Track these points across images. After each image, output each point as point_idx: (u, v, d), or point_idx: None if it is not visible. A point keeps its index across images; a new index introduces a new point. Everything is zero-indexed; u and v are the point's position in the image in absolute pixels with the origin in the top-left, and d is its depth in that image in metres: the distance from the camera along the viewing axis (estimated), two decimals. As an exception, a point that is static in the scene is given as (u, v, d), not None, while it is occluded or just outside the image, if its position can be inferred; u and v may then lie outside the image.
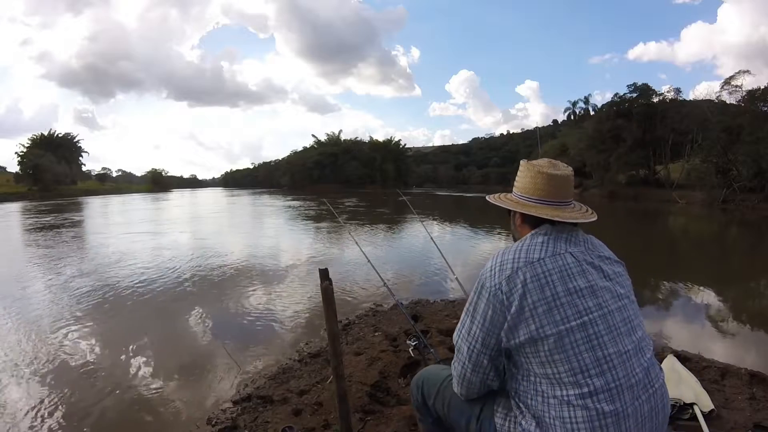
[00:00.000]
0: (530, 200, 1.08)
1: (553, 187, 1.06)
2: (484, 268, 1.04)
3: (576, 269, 0.97)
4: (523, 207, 1.08)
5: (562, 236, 1.02)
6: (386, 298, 4.65)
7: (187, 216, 18.62)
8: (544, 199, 1.06)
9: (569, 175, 1.09)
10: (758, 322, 4.24)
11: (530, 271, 0.95)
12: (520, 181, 1.11)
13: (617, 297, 0.98)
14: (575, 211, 1.08)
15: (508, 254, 1.00)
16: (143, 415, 2.49)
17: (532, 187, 1.08)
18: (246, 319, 4.19)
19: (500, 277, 0.97)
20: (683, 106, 30.66)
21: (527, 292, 0.93)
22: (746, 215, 18.00)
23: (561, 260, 0.97)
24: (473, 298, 1.02)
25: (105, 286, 5.44)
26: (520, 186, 1.11)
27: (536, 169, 1.08)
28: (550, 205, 1.06)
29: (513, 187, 1.15)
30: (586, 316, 0.92)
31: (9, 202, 33.23)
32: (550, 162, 1.11)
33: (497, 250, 1.08)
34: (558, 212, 1.04)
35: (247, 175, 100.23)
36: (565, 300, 0.93)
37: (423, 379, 1.28)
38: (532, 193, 1.08)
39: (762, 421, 1.97)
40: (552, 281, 0.94)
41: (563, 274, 0.95)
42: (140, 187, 73.58)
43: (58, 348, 3.42)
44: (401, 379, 2.52)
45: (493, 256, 1.04)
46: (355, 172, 60.21)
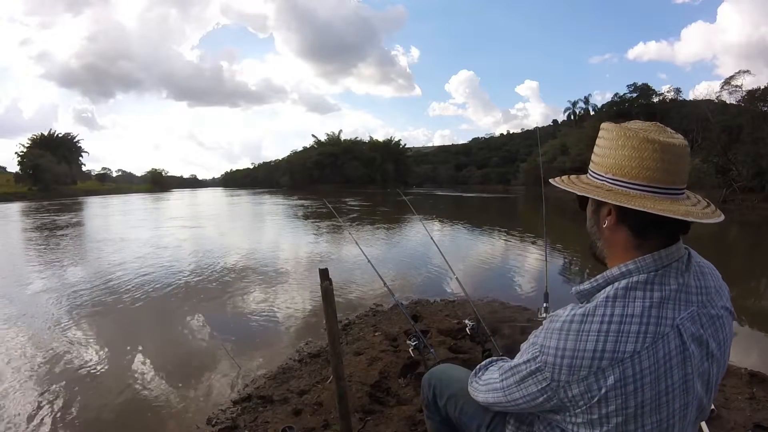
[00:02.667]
0: (631, 187, 0.70)
1: (669, 164, 0.69)
2: (545, 339, 0.72)
3: (677, 359, 0.68)
4: (627, 198, 0.69)
5: (671, 281, 0.70)
6: (386, 298, 4.66)
7: (187, 216, 18.62)
8: (654, 185, 0.69)
9: (687, 145, 0.72)
10: (758, 322, 4.25)
11: (617, 372, 0.66)
12: (612, 155, 0.72)
13: (708, 383, 0.73)
14: (697, 206, 0.72)
15: (586, 338, 0.67)
16: (143, 415, 2.49)
17: (636, 165, 0.69)
18: (246, 319, 4.19)
19: (569, 377, 0.68)
20: (683, 106, 30.73)
21: (604, 400, 0.67)
22: (746, 215, 18.01)
23: (663, 348, 0.67)
24: (523, 369, 0.76)
25: (106, 286, 5.44)
26: (612, 163, 0.72)
27: (642, 134, 0.69)
28: (668, 196, 0.69)
29: (591, 165, 0.77)
30: (665, 423, 0.69)
31: (9, 202, 33.23)
32: (656, 125, 0.73)
33: (567, 314, 0.71)
34: (681, 207, 0.68)
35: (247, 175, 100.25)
36: (650, 408, 0.68)
37: (436, 378, 1.23)
38: (635, 174, 0.69)
39: (762, 421, 1.97)
40: (642, 387, 0.66)
41: (659, 373, 0.67)
42: (140, 187, 73.60)
43: (58, 348, 3.42)
44: (401, 379, 2.52)
45: (563, 329, 0.70)
46: (355, 172, 60.24)
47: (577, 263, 6.98)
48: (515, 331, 2.94)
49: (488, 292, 4.68)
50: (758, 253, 9.58)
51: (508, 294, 4.74)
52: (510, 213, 20.61)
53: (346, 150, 63.61)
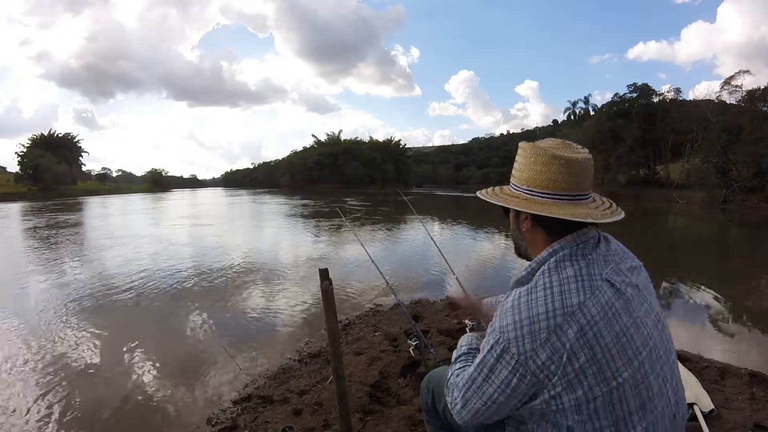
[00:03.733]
0: (543, 195, 0.83)
1: (573, 176, 0.82)
2: (501, 320, 0.79)
3: (618, 303, 0.77)
4: (537, 206, 0.83)
5: (590, 252, 0.82)
6: (387, 298, 4.66)
7: (189, 216, 18.61)
8: (561, 193, 0.83)
9: (589, 158, 0.85)
10: (758, 322, 4.24)
11: (573, 326, 0.73)
12: (525, 169, 0.86)
13: (656, 319, 0.83)
14: (600, 208, 0.85)
15: (536, 304, 0.76)
16: (143, 415, 2.49)
17: (546, 177, 0.82)
18: (246, 319, 4.19)
19: (533, 344, 0.74)
20: (683, 106, 30.69)
21: (572, 356, 0.73)
22: (746, 215, 18.01)
23: (602, 296, 0.76)
24: (489, 358, 0.80)
25: (106, 285, 5.44)
26: (526, 177, 0.85)
27: (549, 152, 0.83)
28: (571, 201, 0.83)
29: (512, 178, 0.90)
30: (635, 360, 0.76)
31: (9, 202, 33.23)
32: (564, 142, 0.87)
33: (514, 295, 0.81)
34: (583, 210, 0.82)
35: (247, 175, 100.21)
36: (615, 350, 0.74)
37: (434, 382, 1.21)
38: (545, 185, 0.83)
39: (762, 421, 1.97)
40: (599, 332, 0.74)
41: (608, 316, 0.75)
42: (140, 187, 73.58)
43: (58, 347, 3.42)
44: (401, 379, 2.53)
45: (514, 305, 0.79)
46: (355, 172, 60.23)
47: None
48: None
49: (488, 291, 4.66)
50: (758, 253, 9.57)
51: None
52: (510, 213, 20.45)
53: (346, 150, 63.59)
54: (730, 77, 25.56)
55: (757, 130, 22.08)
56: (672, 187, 28.46)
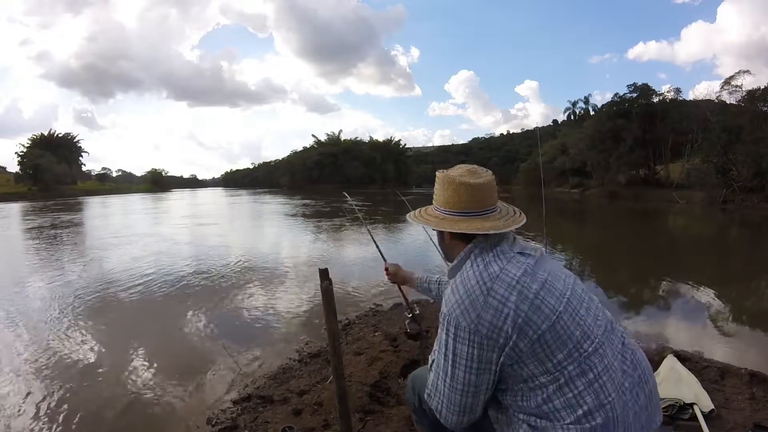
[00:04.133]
0: (456, 214, 1.03)
1: (477, 197, 1.02)
2: (446, 305, 0.95)
3: (533, 262, 0.96)
4: (451, 224, 1.02)
5: (500, 242, 1.00)
6: (387, 298, 4.66)
7: (190, 216, 18.61)
8: (469, 211, 1.02)
9: (491, 180, 1.05)
10: (758, 322, 4.25)
11: (502, 285, 0.91)
12: (441, 195, 1.05)
13: (567, 273, 1.03)
14: (504, 218, 1.05)
15: (468, 282, 0.94)
16: (143, 415, 2.49)
17: (455, 200, 1.02)
18: (246, 319, 4.19)
19: (476, 310, 0.90)
20: (683, 106, 30.69)
21: (513, 309, 0.89)
22: (746, 215, 18.01)
23: (517, 262, 0.95)
24: (447, 342, 0.94)
25: (106, 286, 5.44)
26: (442, 200, 1.05)
27: (457, 180, 1.02)
28: (479, 216, 1.02)
29: (434, 200, 1.09)
30: (563, 298, 0.93)
31: (9, 202, 33.23)
32: (470, 170, 1.06)
33: (451, 283, 0.99)
34: (489, 223, 1.01)
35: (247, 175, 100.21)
36: (544, 293, 0.92)
37: (418, 382, 1.22)
38: (456, 206, 1.02)
39: (762, 421, 1.97)
40: (527, 283, 0.91)
41: (528, 272, 0.93)
42: (140, 187, 73.58)
43: (58, 347, 3.42)
44: (401, 379, 2.52)
45: (453, 289, 0.96)
46: (355, 172, 60.26)
47: (577, 262, 6.98)
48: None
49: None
50: (758, 253, 9.57)
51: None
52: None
53: (346, 150, 63.62)
54: (730, 77, 25.57)
55: (757, 130, 22.08)
56: (672, 187, 28.46)
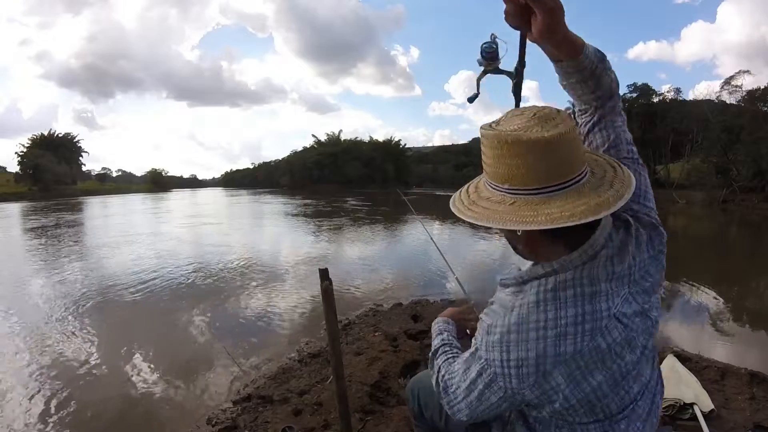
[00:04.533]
0: (529, 192, 0.66)
1: (557, 158, 0.64)
2: (487, 349, 0.72)
3: (622, 342, 0.69)
4: (526, 211, 0.65)
5: (598, 272, 0.69)
6: (387, 298, 4.66)
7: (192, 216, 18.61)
8: (551, 184, 0.65)
9: (570, 127, 0.65)
10: (758, 322, 4.25)
11: (563, 372, 0.67)
12: (500, 164, 0.68)
13: (652, 351, 0.77)
14: (602, 186, 0.67)
15: (525, 347, 0.68)
16: (143, 414, 2.49)
17: (525, 171, 0.65)
18: (246, 319, 4.19)
19: (520, 384, 0.69)
20: (683, 105, 30.68)
21: (561, 394, 0.69)
22: (746, 215, 18.02)
23: (604, 340, 0.67)
24: (478, 383, 0.75)
25: (107, 285, 5.44)
26: (503, 173, 0.68)
27: (522, 138, 0.63)
28: (565, 189, 0.65)
29: (486, 175, 0.74)
30: (627, 395, 0.73)
31: (9, 202, 33.21)
32: (535, 114, 0.66)
33: (501, 320, 0.71)
34: (582, 200, 0.64)
35: (247, 175, 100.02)
36: (609, 390, 0.70)
37: (418, 387, 1.20)
38: (529, 180, 0.66)
39: (762, 421, 1.97)
40: (591, 374, 0.68)
41: (605, 359, 0.68)
42: (140, 187, 73.54)
43: (58, 347, 3.42)
44: (401, 379, 2.53)
45: (502, 339, 0.70)
46: (355, 172, 60.20)
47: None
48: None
49: (488, 291, 4.67)
50: (758, 253, 9.58)
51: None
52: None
53: (346, 150, 63.56)
54: (730, 77, 25.62)
55: (757, 130, 22.07)
56: (672, 187, 28.45)
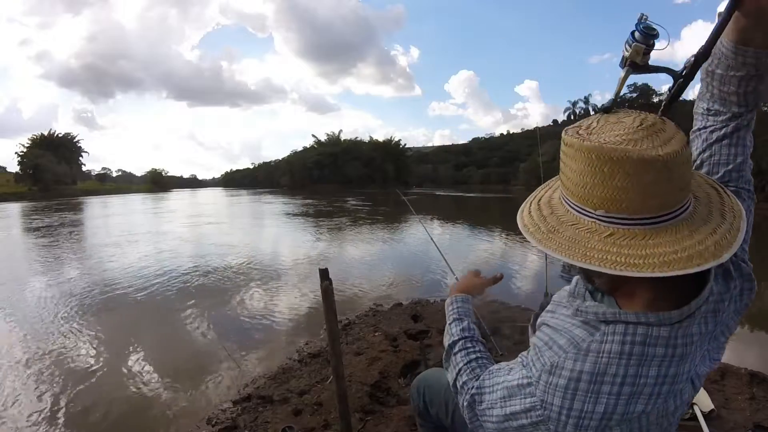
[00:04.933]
0: (631, 222, 0.54)
1: (671, 183, 0.53)
2: (547, 381, 0.61)
3: (687, 400, 0.64)
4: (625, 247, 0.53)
5: (694, 329, 0.59)
6: (386, 298, 4.66)
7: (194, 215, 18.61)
8: (658, 215, 0.54)
9: (678, 152, 0.52)
10: (758, 322, 4.25)
11: (624, 429, 0.60)
12: (596, 185, 0.54)
13: None
14: (701, 227, 0.54)
15: (594, 399, 0.58)
16: (143, 414, 2.49)
17: (601, 194, 0.54)
18: (246, 319, 4.19)
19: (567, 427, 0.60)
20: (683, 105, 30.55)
21: None
22: (746, 215, 17.99)
23: (673, 402, 0.61)
24: (519, 411, 0.64)
25: (107, 285, 5.44)
26: (600, 195, 0.54)
27: (634, 156, 0.51)
28: (669, 222, 0.54)
29: (569, 193, 0.59)
30: None
31: (9, 202, 33.21)
32: (642, 125, 0.55)
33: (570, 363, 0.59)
34: (687, 242, 0.53)
35: (247, 175, 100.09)
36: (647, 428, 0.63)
37: (425, 385, 1.19)
38: (633, 208, 0.53)
39: (762, 421, 1.97)
40: (648, 430, 0.62)
41: (667, 416, 0.62)
42: (140, 187, 73.64)
43: (60, 347, 3.42)
44: (401, 379, 2.53)
45: (568, 387, 0.59)
46: (355, 172, 60.22)
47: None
48: (515, 332, 2.94)
49: (488, 292, 4.67)
50: (757, 253, 9.56)
51: (508, 294, 4.73)
52: (510, 213, 20.45)
53: (346, 150, 63.58)
54: (730, 77, 25.61)
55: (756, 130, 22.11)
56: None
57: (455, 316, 0.90)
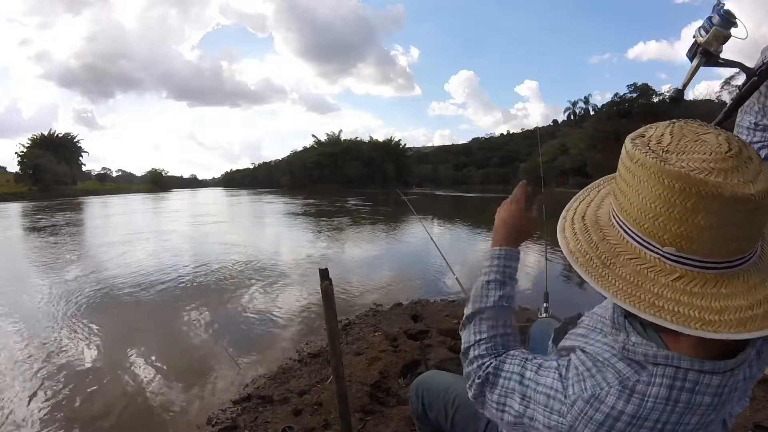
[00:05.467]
0: (703, 265, 0.48)
1: (727, 230, 0.47)
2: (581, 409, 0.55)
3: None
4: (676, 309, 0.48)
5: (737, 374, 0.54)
6: (387, 298, 4.66)
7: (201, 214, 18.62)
8: (709, 260, 0.48)
9: None
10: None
11: None
12: (672, 219, 0.47)
13: None
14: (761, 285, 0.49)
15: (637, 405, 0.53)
16: (143, 414, 2.49)
17: (676, 231, 0.47)
18: (246, 318, 4.19)
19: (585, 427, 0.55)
20: (683, 106, 30.75)
21: None
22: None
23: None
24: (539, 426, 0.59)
25: (106, 286, 5.44)
26: (675, 232, 0.47)
27: (729, 191, 0.44)
28: (723, 269, 0.49)
29: (628, 218, 0.51)
30: None
31: (9, 202, 33.22)
32: (727, 152, 0.46)
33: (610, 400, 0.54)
34: (746, 296, 0.48)
35: (247, 175, 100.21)
36: None
37: (423, 388, 1.18)
38: (675, 241, 0.48)
39: (762, 421, 1.97)
40: None
41: None
42: (140, 187, 73.68)
43: (60, 347, 3.42)
44: (401, 379, 2.53)
45: (604, 421, 0.54)
46: (355, 172, 60.28)
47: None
48: (515, 331, 2.94)
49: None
50: None
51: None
52: (510, 213, 20.44)
53: (346, 150, 63.66)
54: (730, 77, 25.73)
55: None
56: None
57: (499, 278, 0.75)
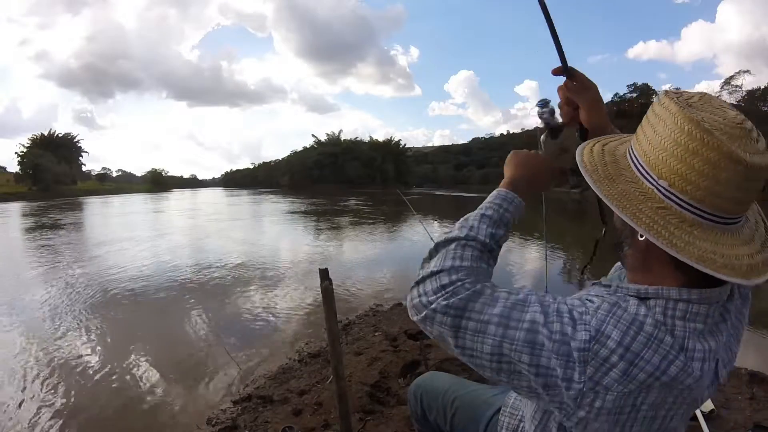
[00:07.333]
0: (694, 210, 0.53)
1: (747, 191, 0.53)
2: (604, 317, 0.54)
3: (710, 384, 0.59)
4: (683, 233, 0.52)
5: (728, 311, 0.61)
6: (387, 298, 4.66)
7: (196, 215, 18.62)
8: (722, 216, 0.54)
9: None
10: (758, 322, 4.25)
11: (660, 396, 0.55)
12: (676, 155, 0.53)
13: None
14: (753, 239, 0.56)
15: (656, 347, 0.53)
16: (143, 414, 2.49)
17: (705, 186, 0.52)
18: (246, 318, 4.19)
19: (614, 383, 0.52)
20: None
21: (630, 413, 0.55)
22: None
23: (704, 382, 0.57)
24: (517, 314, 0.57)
25: (106, 285, 5.44)
26: (673, 169, 0.53)
27: (726, 148, 0.50)
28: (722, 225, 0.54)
29: (640, 150, 0.58)
30: None
31: (9, 201, 33.20)
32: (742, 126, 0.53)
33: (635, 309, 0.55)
34: (737, 250, 0.53)
35: (247, 175, 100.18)
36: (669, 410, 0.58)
37: (422, 390, 1.17)
38: (701, 198, 0.52)
39: (762, 421, 1.97)
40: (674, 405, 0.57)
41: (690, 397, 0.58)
42: (140, 187, 73.59)
43: (60, 347, 3.42)
44: (401, 379, 2.53)
45: (633, 321, 0.54)
46: (355, 172, 60.26)
47: (577, 263, 6.98)
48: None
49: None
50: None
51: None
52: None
53: (346, 150, 63.62)
54: (730, 77, 25.76)
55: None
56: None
57: (495, 217, 0.72)
